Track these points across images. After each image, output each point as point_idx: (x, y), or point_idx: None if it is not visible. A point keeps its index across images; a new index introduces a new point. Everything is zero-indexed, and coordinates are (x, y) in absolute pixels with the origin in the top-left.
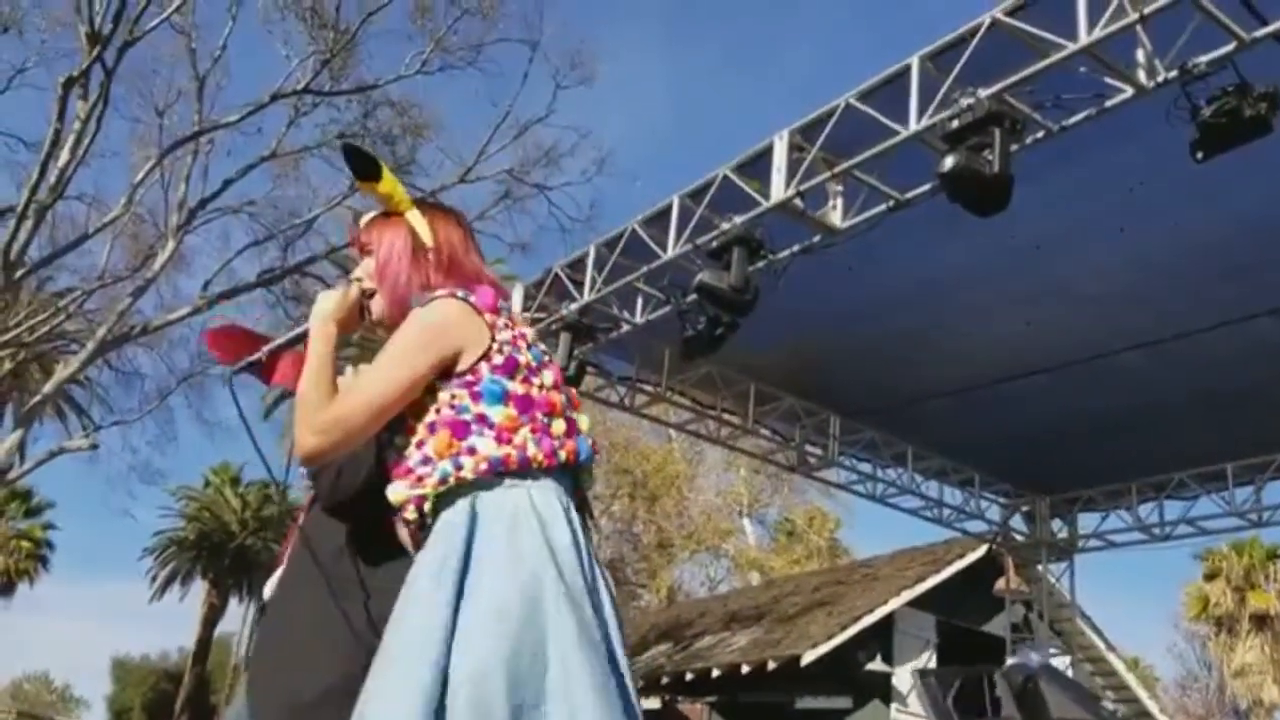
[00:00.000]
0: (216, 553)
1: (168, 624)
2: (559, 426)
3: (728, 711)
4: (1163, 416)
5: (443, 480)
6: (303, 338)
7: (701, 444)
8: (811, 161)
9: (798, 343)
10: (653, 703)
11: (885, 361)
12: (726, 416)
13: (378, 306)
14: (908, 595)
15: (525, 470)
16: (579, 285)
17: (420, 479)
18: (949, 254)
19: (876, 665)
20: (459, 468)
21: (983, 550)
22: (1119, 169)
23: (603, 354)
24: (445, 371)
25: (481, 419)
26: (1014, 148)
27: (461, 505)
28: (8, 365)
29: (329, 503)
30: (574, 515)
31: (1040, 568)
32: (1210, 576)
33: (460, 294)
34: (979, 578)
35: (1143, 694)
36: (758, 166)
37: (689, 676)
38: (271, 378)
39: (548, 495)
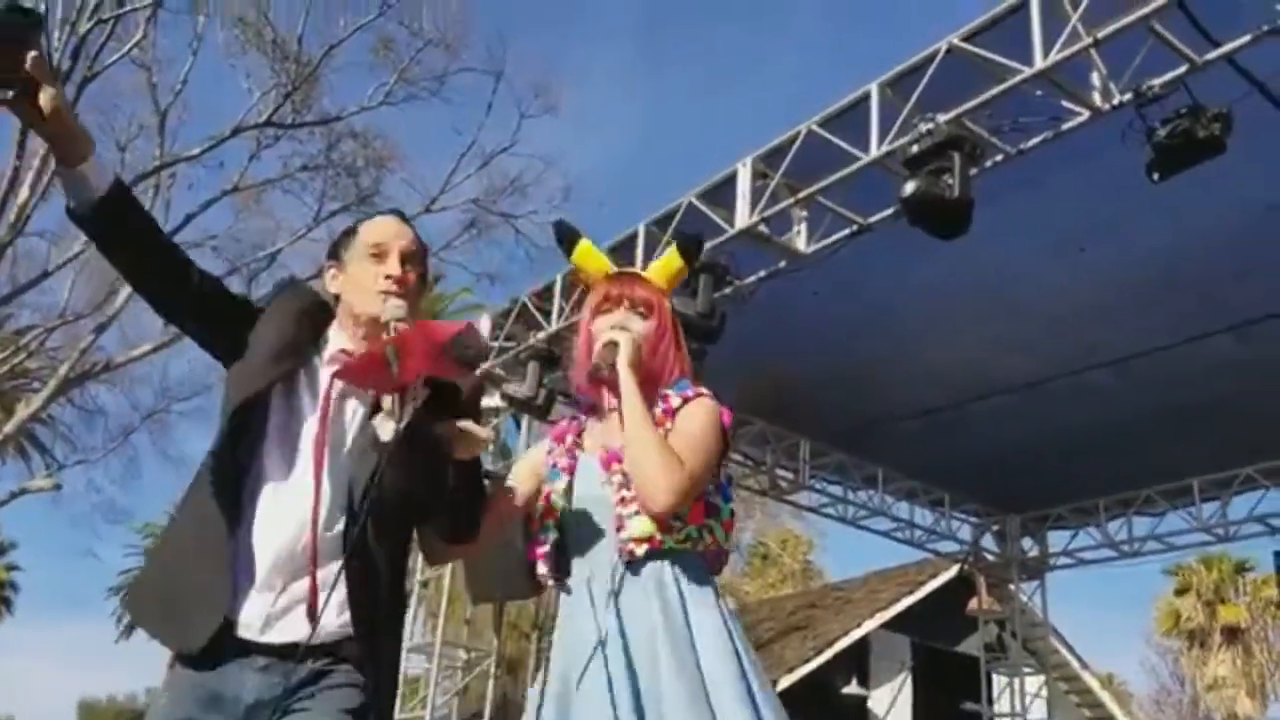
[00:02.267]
0: None
1: (135, 665)
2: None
3: None
4: (1128, 433)
5: (686, 539)
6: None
7: None
8: (775, 188)
9: (766, 367)
10: None
11: (853, 384)
12: None
13: (626, 361)
14: (882, 617)
15: (720, 565)
16: (546, 314)
17: (669, 529)
18: (913, 277)
19: (853, 689)
20: (701, 538)
21: (955, 570)
22: (1078, 190)
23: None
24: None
25: (716, 511)
26: (973, 171)
27: (676, 566)
28: None
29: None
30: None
31: (1012, 587)
32: (1181, 591)
33: (717, 400)
34: (952, 598)
35: (1117, 711)
36: (722, 193)
37: None
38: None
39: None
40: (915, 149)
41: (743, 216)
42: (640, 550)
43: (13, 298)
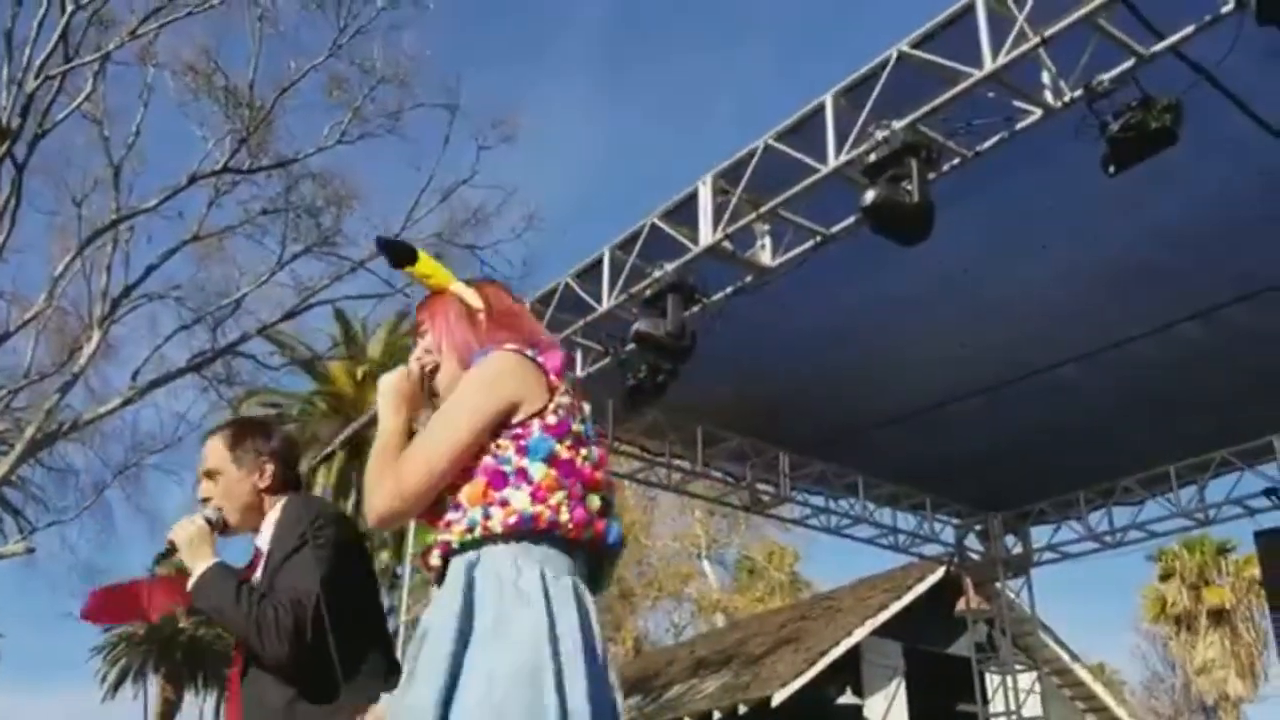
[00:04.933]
0: (168, 646)
1: None
2: (594, 503)
3: None
4: (1103, 425)
5: (469, 529)
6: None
7: (654, 489)
8: (737, 204)
9: (741, 383)
10: None
11: (827, 394)
12: (676, 462)
13: (445, 377)
14: (872, 624)
15: (551, 535)
16: None
17: (449, 525)
18: (880, 284)
19: (847, 698)
20: (487, 517)
21: (941, 572)
22: (1036, 188)
23: None
24: (500, 424)
25: (522, 473)
26: (931, 176)
27: (475, 563)
28: None
29: (285, 660)
30: (586, 597)
31: (999, 585)
32: (1165, 577)
33: (529, 351)
34: (940, 600)
35: (1111, 701)
36: (685, 212)
37: None
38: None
39: (561, 571)
40: (873, 157)
41: (706, 234)
42: (435, 559)
43: None
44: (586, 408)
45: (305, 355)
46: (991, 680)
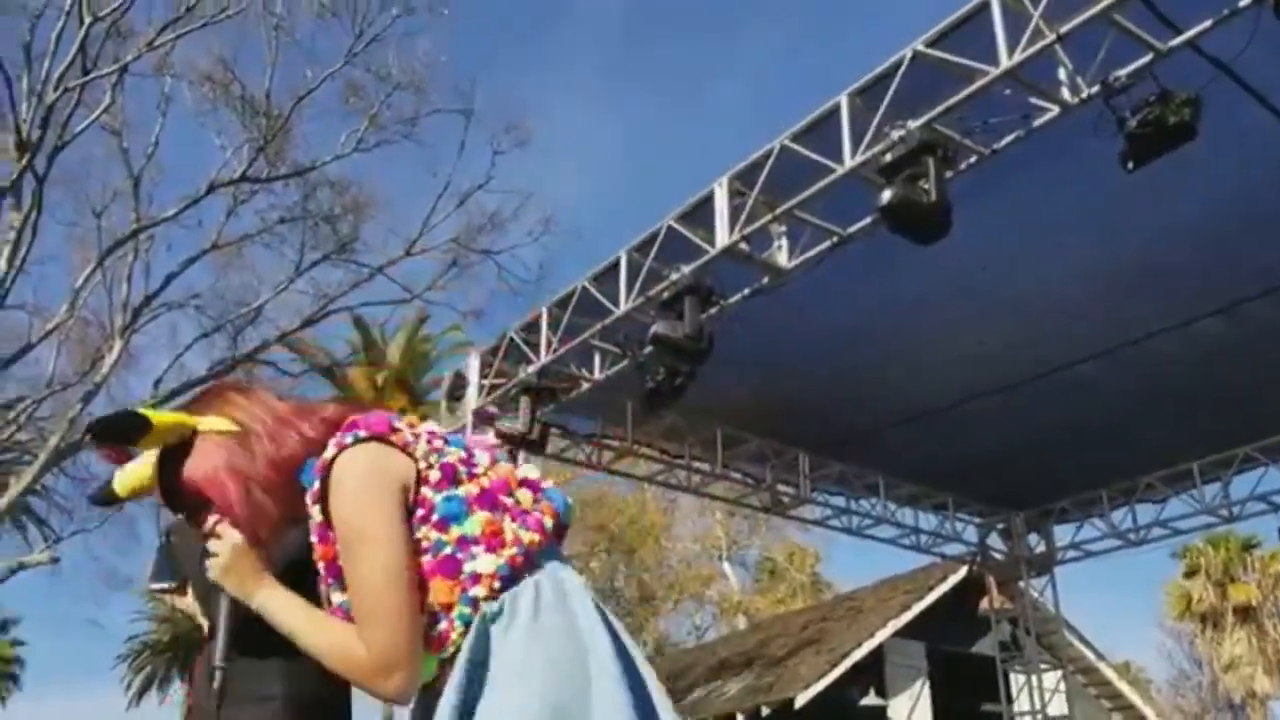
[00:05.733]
0: (194, 652)
1: None
2: (525, 496)
3: None
4: (1124, 422)
5: (466, 625)
6: None
7: (674, 491)
8: (753, 205)
9: (759, 384)
10: None
11: (847, 395)
12: (696, 464)
13: (263, 525)
14: (894, 625)
15: (531, 562)
16: (535, 347)
17: (443, 639)
18: (897, 283)
19: (871, 700)
20: (474, 603)
21: (963, 572)
22: (1054, 185)
23: (565, 414)
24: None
25: (463, 542)
26: (949, 175)
27: (476, 634)
28: None
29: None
30: (586, 590)
31: (1022, 584)
32: (1190, 573)
33: (349, 438)
34: (963, 600)
35: (1137, 699)
36: (701, 214)
37: None
38: None
39: (558, 577)
40: (889, 157)
41: (723, 236)
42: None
43: None
44: (434, 425)
45: (325, 362)
46: (1016, 679)
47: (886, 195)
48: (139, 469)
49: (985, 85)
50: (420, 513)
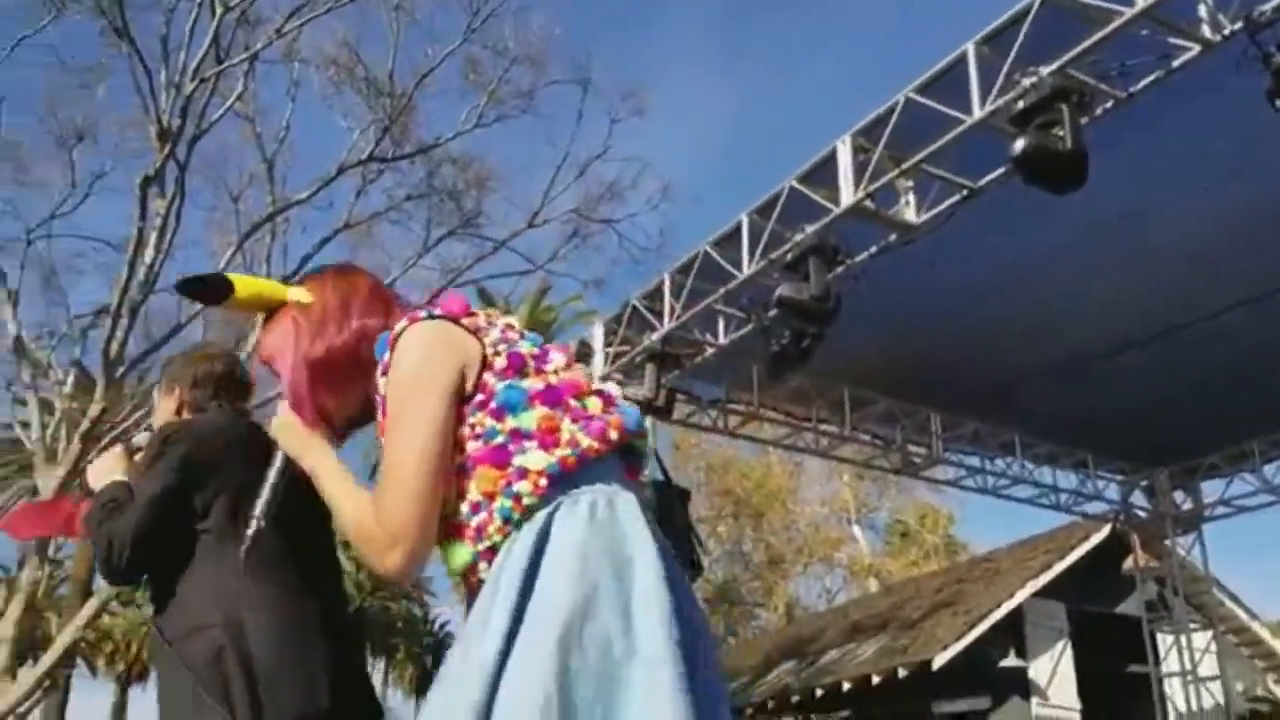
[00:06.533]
0: None
1: None
2: (594, 404)
3: None
4: (1273, 372)
5: (506, 520)
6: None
7: (801, 454)
8: (878, 161)
9: (887, 343)
10: None
11: (978, 351)
12: (823, 426)
13: (299, 403)
14: (1034, 586)
15: (586, 467)
16: (658, 314)
17: (480, 531)
18: (1030, 235)
19: (1011, 661)
20: (518, 498)
21: (1106, 531)
22: (1193, 128)
23: (691, 379)
24: (458, 402)
25: (516, 434)
26: (1084, 121)
27: (521, 538)
28: None
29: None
30: (644, 509)
31: (1168, 542)
32: None
33: (423, 313)
34: (1106, 559)
35: None
36: (823, 173)
37: (819, 693)
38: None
39: (610, 494)
40: (1021, 105)
41: (847, 194)
42: (483, 572)
43: (149, 354)
44: (516, 321)
45: None
46: (1164, 640)
47: (1019, 145)
48: (269, 285)
49: (1121, 26)
50: (480, 398)
